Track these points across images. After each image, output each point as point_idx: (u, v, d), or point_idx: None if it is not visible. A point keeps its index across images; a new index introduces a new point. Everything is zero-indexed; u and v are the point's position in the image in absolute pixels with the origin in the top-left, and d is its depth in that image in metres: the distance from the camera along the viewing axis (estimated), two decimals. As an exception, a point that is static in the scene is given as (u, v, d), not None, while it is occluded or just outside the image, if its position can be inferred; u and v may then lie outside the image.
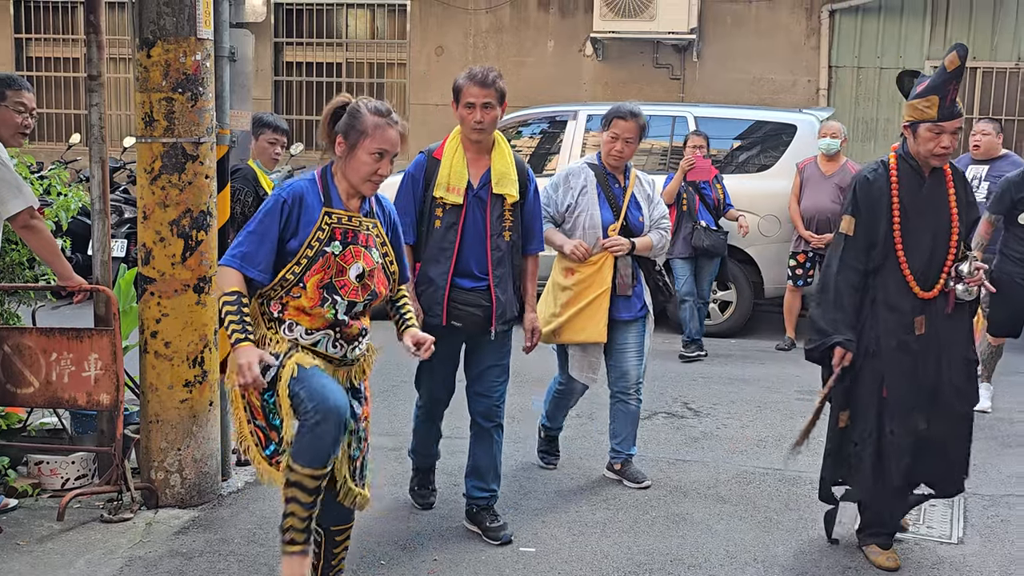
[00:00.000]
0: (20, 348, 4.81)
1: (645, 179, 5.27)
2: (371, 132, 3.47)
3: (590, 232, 5.03)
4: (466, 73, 4.47)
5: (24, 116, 4.65)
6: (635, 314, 5.15)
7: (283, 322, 3.49)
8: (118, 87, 13.07)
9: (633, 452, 5.30)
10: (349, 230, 3.53)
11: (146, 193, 4.71)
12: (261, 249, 3.43)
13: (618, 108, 5.08)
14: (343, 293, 3.49)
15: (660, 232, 5.19)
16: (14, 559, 4.24)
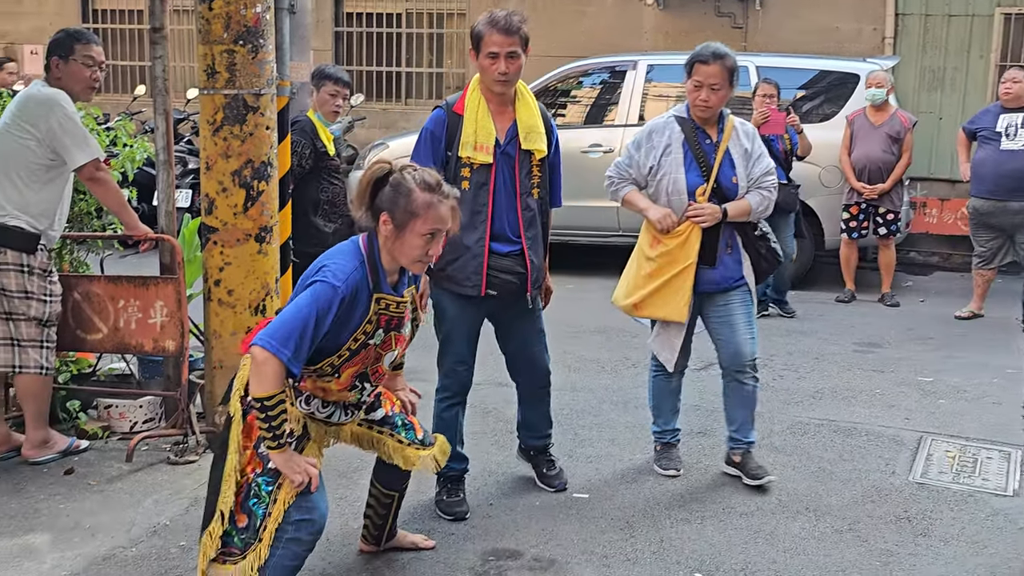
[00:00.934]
0: (89, 295, 4.96)
1: (744, 130, 4.55)
2: (422, 213, 3.18)
3: (675, 198, 4.44)
4: (486, 18, 4.07)
5: (93, 70, 4.75)
6: (733, 282, 4.56)
7: (301, 393, 3.33)
8: (182, 39, 13.21)
9: (753, 440, 4.71)
10: (394, 317, 3.32)
11: (208, 144, 4.80)
12: (309, 345, 3.10)
13: (699, 51, 4.44)
14: (373, 380, 3.39)
15: (761, 193, 4.51)
16: (86, 498, 4.41)
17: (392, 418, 3.64)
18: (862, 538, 4.13)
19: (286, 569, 3.20)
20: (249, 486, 3.22)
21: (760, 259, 4.63)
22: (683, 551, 3.99)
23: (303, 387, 3.32)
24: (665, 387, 4.80)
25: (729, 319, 4.57)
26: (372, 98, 13.00)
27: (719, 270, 4.52)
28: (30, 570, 3.77)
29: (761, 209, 4.53)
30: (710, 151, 4.46)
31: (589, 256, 9.75)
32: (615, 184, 4.63)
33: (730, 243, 4.54)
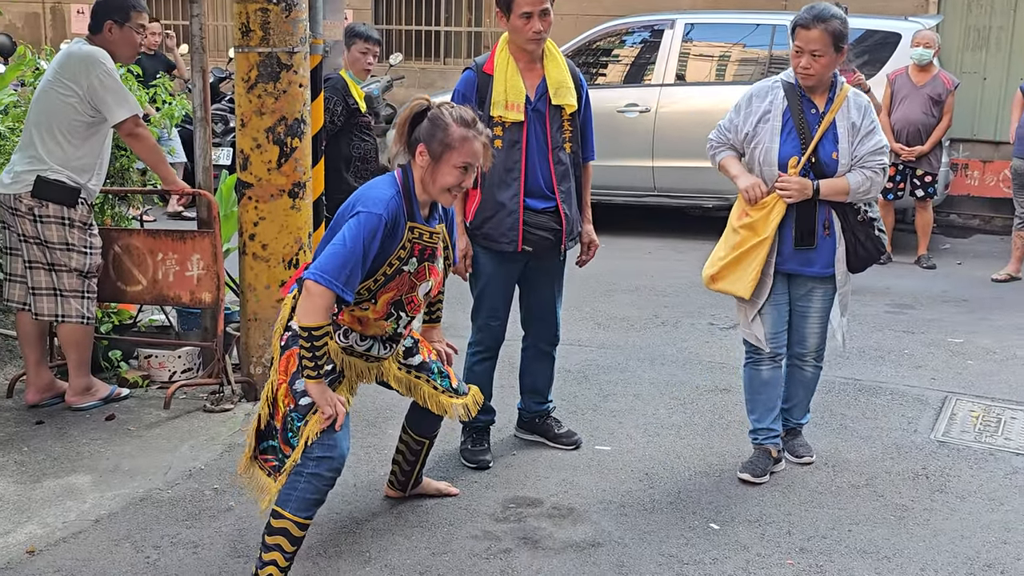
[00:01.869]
0: (129, 248, 5.11)
1: (856, 102, 4.15)
2: (458, 145, 3.33)
3: (766, 169, 4.15)
4: None
5: (142, 36, 4.91)
6: (820, 270, 4.22)
7: (339, 326, 3.45)
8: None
9: (804, 421, 4.56)
10: (428, 247, 3.45)
11: (243, 101, 4.90)
12: (359, 272, 3.24)
13: (800, 14, 4.09)
14: (409, 309, 3.48)
15: (865, 172, 4.11)
16: (125, 443, 4.58)
17: (429, 364, 3.77)
18: (878, 493, 4.20)
19: (307, 502, 3.31)
20: (286, 419, 3.38)
21: (858, 246, 4.24)
22: (700, 502, 4.08)
23: (340, 320, 3.42)
24: (755, 377, 4.38)
25: (805, 309, 4.33)
26: (411, 57, 13.06)
27: (814, 253, 4.20)
28: (71, 509, 3.94)
29: (862, 190, 4.12)
30: (813, 122, 4.12)
31: (624, 216, 9.79)
32: (713, 148, 4.35)
33: (827, 224, 4.19)
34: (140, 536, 3.74)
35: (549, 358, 4.61)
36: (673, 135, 9.20)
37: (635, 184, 9.50)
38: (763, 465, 4.31)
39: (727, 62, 9.79)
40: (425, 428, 3.93)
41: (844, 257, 4.23)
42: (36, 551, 3.62)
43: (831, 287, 4.28)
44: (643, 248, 9.07)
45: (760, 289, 4.22)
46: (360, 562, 3.61)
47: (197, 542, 3.71)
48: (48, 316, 4.80)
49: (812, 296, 4.30)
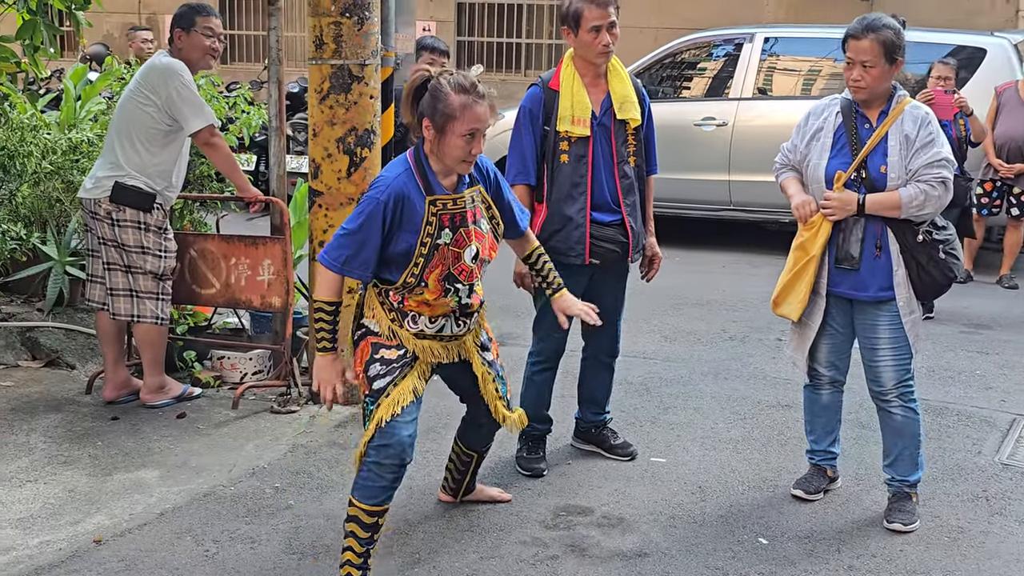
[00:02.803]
0: (204, 252, 5.29)
1: (913, 115, 3.93)
2: (459, 114, 3.27)
3: (815, 187, 4.02)
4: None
5: (212, 40, 5.05)
6: (874, 294, 3.97)
7: (406, 314, 3.46)
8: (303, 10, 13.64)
9: (912, 479, 4.09)
10: (456, 214, 3.40)
11: (315, 112, 5.05)
12: (362, 253, 3.31)
13: (853, 24, 3.96)
14: (463, 279, 3.42)
15: (919, 186, 3.84)
16: (194, 440, 4.74)
17: (496, 366, 3.76)
18: (935, 513, 4.15)
19: (370, 490, 3.41)
20: (364, 406, 3.50)
21: (920, 271, 3.92)
22: (751, 516, 4.09)
23: (407, 307, 3.44)
24: (814, 400, 4.26)
25: (871, 339, 4.03)
26: (492, 68, 13.21)
27: (862, 274, 3.97)
28: (139, 502, 4.11)
29: (915, 204, 3.84)
30: (866, 137, 3.95)
31: (699, 229, 9.77)
32: (777, 170, 4.24)
33: (879, 244, 3.94)
34: (201, 530, 3.89)
35: (608, 369, 4.64)
36: (750, 149, 9.16)
37: (711, 197, 9.47)
38: (817, 483, 4.28)
39: (806, 76, 9.72)
40: (475, 442, 3.97)
41: (907, 281, 3.96)
42: (103, 541, 3.78)
43: (895, 313, 3.97)
44: (717, 262, 9.04)
45: (811, 311, 4.08)
46: (410, 563, 3.70)
47: (255, 538, 3.84)
48: (125, 316, 5.00)
49: (877, 325, 4.01)
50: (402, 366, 3.47)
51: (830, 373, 4.19)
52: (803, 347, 4.17)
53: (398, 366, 3.45)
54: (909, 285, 3.96)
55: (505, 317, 6.87)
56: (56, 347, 5.77)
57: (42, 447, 4.61)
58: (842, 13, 11.47)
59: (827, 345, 4.16)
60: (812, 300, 4.08)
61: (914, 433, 4.06)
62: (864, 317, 4.05)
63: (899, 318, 3.97)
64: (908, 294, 3.97)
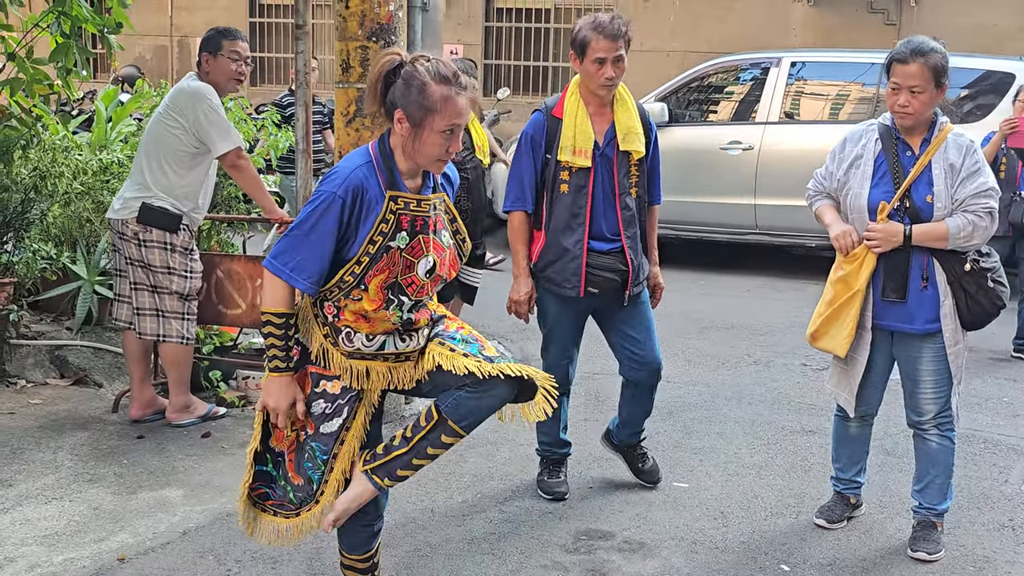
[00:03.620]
0: (230, 273, 5.34)
1: (957, 143, 3.83)
2: (440, 107, 2.87)
3: (856, 217, 3.90)
4: (590, 23, 4.05)
5: (239, 64, 5.10)
6: (921, 326, 3.87)
7: (339, 330, 3.00)
8: (331, 34, 13.79)
9: (941, 509, 4.04)
10: (418, 217, 2.97)
11: (342, 135, 5.10)
12: (312, 256, 2.88)
13: (898, 48, 3.82)
14: (411, 292, 2.97)
15: (967, 216, 3.76)
16: (218, 459, 4.77)
17: (452, 333, 3.13)
18: (960, 542, 4.11)
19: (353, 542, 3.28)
20: (303, 446, 3.08)
21: (969, 300, 3.83)
22: (773, 543, 4.06)
23: (341, 321, 2.99)
24: (843, 432, 4.22)
25: (914, 371, 3.96)
26: (519, 92, 13.28)
27: (908, 306, 3.87)
28: (162, 520, 4.14)
29: (963, 235, 3.76)
30: (908, 164, 3.84)
31: (725, 253, 9.75)
32: (811, 196, 4.14)
33: (926, 275, 3.85)
34: (224, 550, 3.90)
35: (646, 394, 4.46)
36: (776, 173, 9.16)
37: (736, 221, 9.46)
38: (840, 511, 4.23)
39: (833, 101, 9.72)
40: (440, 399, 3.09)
41: (953, 312, 3.85)
42: (126, 559, 3.81)
43: (940, 345, 3.88)
44: (742, 286, 9.02)
45: (857, 345, 3.97)
46: (430, 585, 3.70)
47: (276, 558, 3.85)
48: (151, 336, 5.04)
49: (921, 357, 3.91)
50: (349, 401, 3.05)
51: (863, 408, 4.11)
52: (851, 383, 4.05)
53: (344, 403, 3.05)
54: (956, 316, 3.86)
55: (531, 339, 6.89)
56: (84, 365, 5.83)
57: (68, 465, 4.65)
58: (869, 37, 11.49)
59: (864, 380, 4.05)
60: (858, 334, 3.96)
61: (948, 463, 4.01)
62: (908, 350, 3.95)
63: (944, 350, 3.88)
64: (955, 325, 3.86)
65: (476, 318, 7.17)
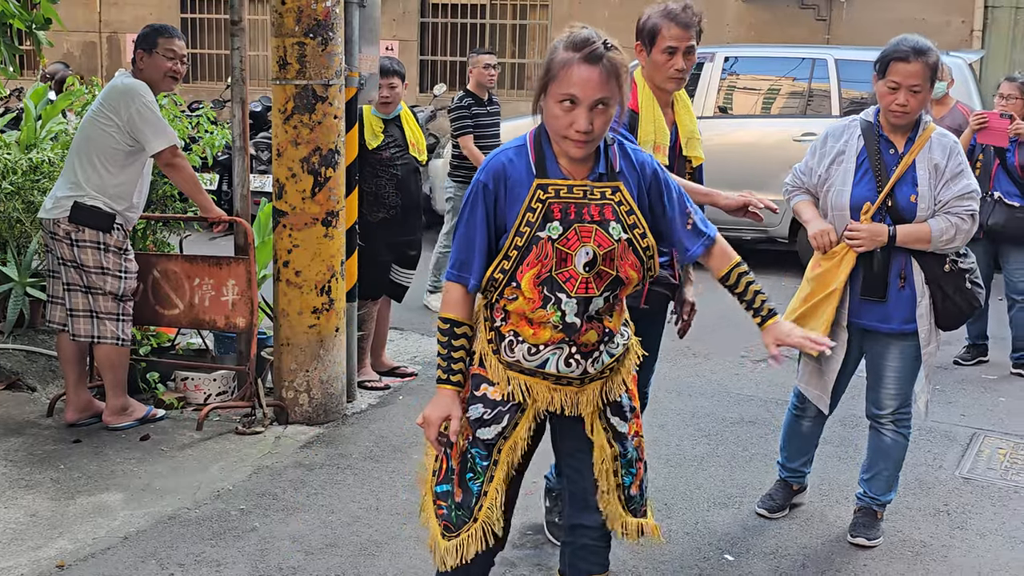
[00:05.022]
0: (167, 273, 5.26)
1: (941, 143, 3.80)
2: (557, 72, 2.60)
3: (837, 215, 3.85)
4: (661, 10, 3.64)
5: (174, 62, 5.02)
6: (897, 326, 3.86)
7: (503, 337, 2.77)
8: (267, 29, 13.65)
9: (886, 499, 4.09)
10: (571, 204, 2.68)
11: (279, 132, 5.05)
12: (472, 251, 2.71)
13: (896, 46, 3.73)
14: (568, 288, 2.67)
15: (950, 219, 3.74)
16: (158, 462, 4.70)
17: (628, 446, 2.90)
18: (897, 528, 4.20)
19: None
20: (465, 455, 2.82)
21: (946, 301, 3.82)
22: (716, 533, 4.11)
23: (508, 325, 2.77)
24: (795, 427, 4.22)
25: (880, 367, 3.97)
26: (455, 88, 13.23)
27: (886, 306, 3.85)
28: (101, 525, 4.06)
29: (945, 238, 3.74)
30: (892, 163, 3.79)
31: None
32: (789, 192, 4.07)
33: (904, 275, 3.83)
34: (166, 554, 3.85)
35: None
36: (712, 167, 9.17)
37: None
38: (781, 498, 4.28)
39: (766, 95, 9.84)
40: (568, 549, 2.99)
41: (929, 313, 3.84)
42: (65, 566, 3.74)
43: (912, 345, 3.88)
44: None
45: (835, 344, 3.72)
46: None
47: (220, 561, 3.81)
48: (85, 337, 4.95)
49: (887, 355, 3.92)
50: (510, 410, 2.80)
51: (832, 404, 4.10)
52: (826, 382, 4.02)
53: (505, 411, 2.79)
54: (931, 316, 3.85)
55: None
56: (17, 369, 5.70)
57: (3, 471, 4.55)
58: (801, 32, 11.66)
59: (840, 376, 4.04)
60: (834, 332, 3.90)
61: (899, 457, 4.04)
62: (880, 347, 3.94)
63: (915, 350, 3.88)
64: (930, 325, 3.86)
65: (417, 315, 7.16)
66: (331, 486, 4.48)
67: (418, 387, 5.87)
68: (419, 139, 5.88)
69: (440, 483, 2.86)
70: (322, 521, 4.14)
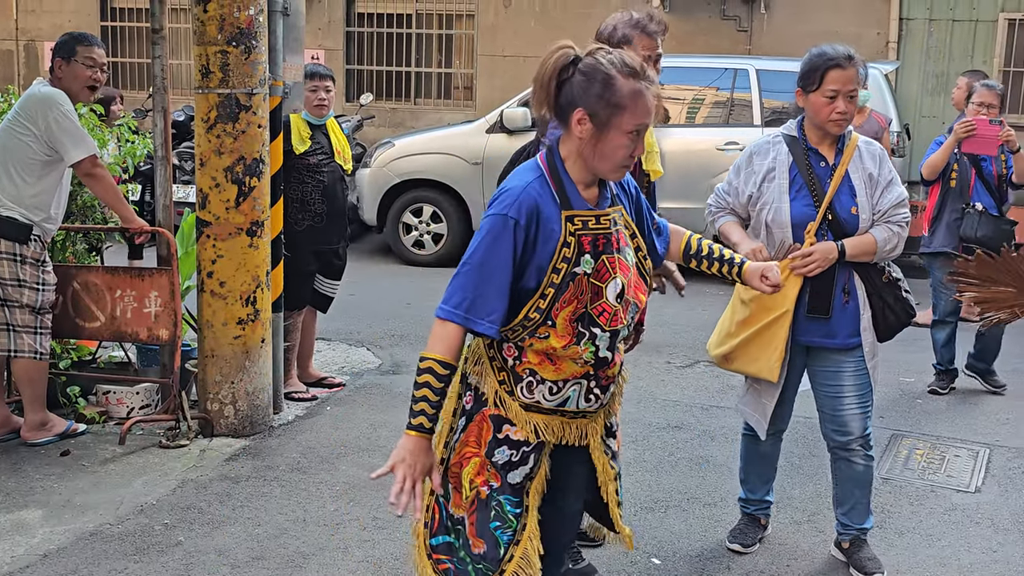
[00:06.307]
0: (88, 285, 5.17)
1: (869, 150, 3.76)
2: (629, 103, 2.50)
3: (776, 232, 3.72)
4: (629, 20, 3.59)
5: (93, 71, 4.93)
6: (842, 341, 3.76)
7: (520, 377, 2.61)
8: (189, 38, 13.48)
9: (868, 526, 3.97)
10: (599, 236, 2.59)
11: (203, 141, 5.00)
12: (490, 294, 2.50)
13: (828, 54, 3.64)
14: (603, 322, 2.59)
15: (891, 228, 3.71)
16: (79, 478, 4.61)
17: (618, 459, 2.93)
18: (818, 529, 4.28)
19: None
20: (487, 503, 2.62)
21: (886, 311, 3.79)
22: (643, 537, 4.15)
23: (524, 364, 2.61)
24: (753, 451, 4.11)
25: (837, 388, 3.83)
26: (381, 97, 13.22)
27: (831, 322, 3.75)
28: (20, 543, 3.97)
29: (888, 248, 3.72)
30: (824, 176, 3.71)
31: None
32: (712, 213, 3.95)
33: (847, 289, 3.74)
34: (87, 571, 3.78)
35: None
36: (637, 176, 9.34)
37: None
38: (752, 535, 4.12)
39: (690, 105, 9.97)
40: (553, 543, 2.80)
41: (871, 325, 3.78)
42: (-18, 585, 3.66)
43: (859, 359, 3.79)
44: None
45: (781, 368, 3.79)
46: (304, 596, 3.65)
47: (144, 577, 3.75)
48: (1, 351, 4.84)
49: (842, 372, 3.80)
50: (534, 449, 2.65)
51: (777, 425, 4.01)
52: (764, 404, 3.91)
53: (529, 450, 2.64)
54: (872, 328, 3.80)
55: (400, 345, 6.87)
56: (-70, 385, 5.55)
57: (-84, 490, 4.43)
58: (723, 43, 11.86)
59: (783, 395, 3.95)
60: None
61: (870, 480, 3.94)
62: (827, 365, 3.83)
63: (864, 363, 3.80)
64: (872, 338, 3.79)
65: (344, 325, 7.13)
66: (257, 498, 4.43)
67: (346, 397, 5.84)
68: (345, 148, 5.86)
69: (436, 535, 2.70)
70: (248, 534, 4.10)
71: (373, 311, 7.71)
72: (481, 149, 9.58)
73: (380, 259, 9.99)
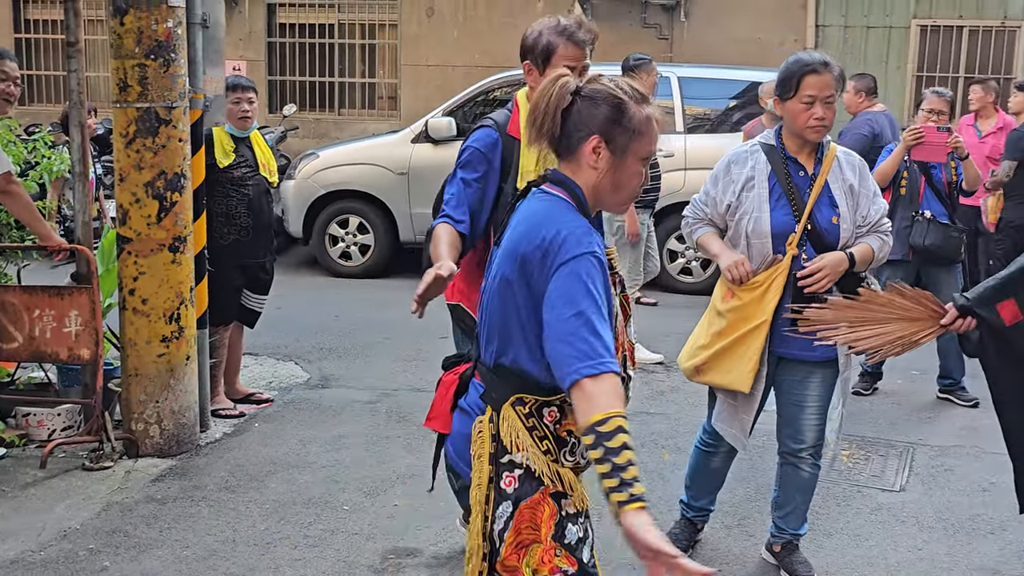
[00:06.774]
0: (3, 305, 5.03)
1: (849, 161, 3.72)
2: (645, 130, 2.37)
3: (756, 242, 3.66)
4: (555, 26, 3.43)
5: (7, 84, 4.82)
6: (821, 354, 3.65)
7: (564, 441, 2.40)
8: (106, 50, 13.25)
9: (801, 532, 3.99)
10: (614, 273, 2.49)
11: (122, 156, 4.90)
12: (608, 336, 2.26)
13: (804, 61, 3.61)
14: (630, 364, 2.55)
15: (881, 238, 3.70)
16: (-2, 504, 4.49)
17: None
18: (749, 532, 4.33)
19: None
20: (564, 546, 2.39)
21: None
22: (577, 547, 4.16)
23: (566, 425, 2.41)
24: (705, 463, 4.06)
25: (801, 398, 3.79)
26: (305, 108, 13.11)
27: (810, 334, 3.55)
28: (-63, 575, 3.86)
29: (881, 256, 3.71)
30: (804, 186, 3.66)
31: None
32: (690, 224, 3.88)
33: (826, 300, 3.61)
34: (9, 600, 3.68)
35: None
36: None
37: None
38: (687, 538, 4.14)
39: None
40: None
41: None
42: (-102, 619, 3.54)
43: (832, 372, 3.75)
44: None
45: (756, 381, 3.71)
46: (236, 618, 3.60)
47: (68, 604, 3.66)
48: (-84, 376, 4.70)
49: (809, 383, 3.76)
50: (586, 519, 2.47)
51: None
52: (743, 420, 3.82)
53: (585, 520, 2.46)
54: None
55: (329, 359, 6.81)
56: None
57: None
58: (646, 50, 11.90)
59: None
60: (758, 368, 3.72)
61: (813, 488, 3.94)
62: (797, 376, 3.77)
63: (834, 377, 3.76)
64: (847, 349, 3.64)
65: (271, 339, 7.04)
66: (185, 520, 4.35)
67: (274, 413, 5.77)
68: (269, 160, 5.79)
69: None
70: (176, 556, 4.02)
71: (300, 325, 7.63)
72: (407, 159, 9.54)
73: (307, 271, 9.90)
